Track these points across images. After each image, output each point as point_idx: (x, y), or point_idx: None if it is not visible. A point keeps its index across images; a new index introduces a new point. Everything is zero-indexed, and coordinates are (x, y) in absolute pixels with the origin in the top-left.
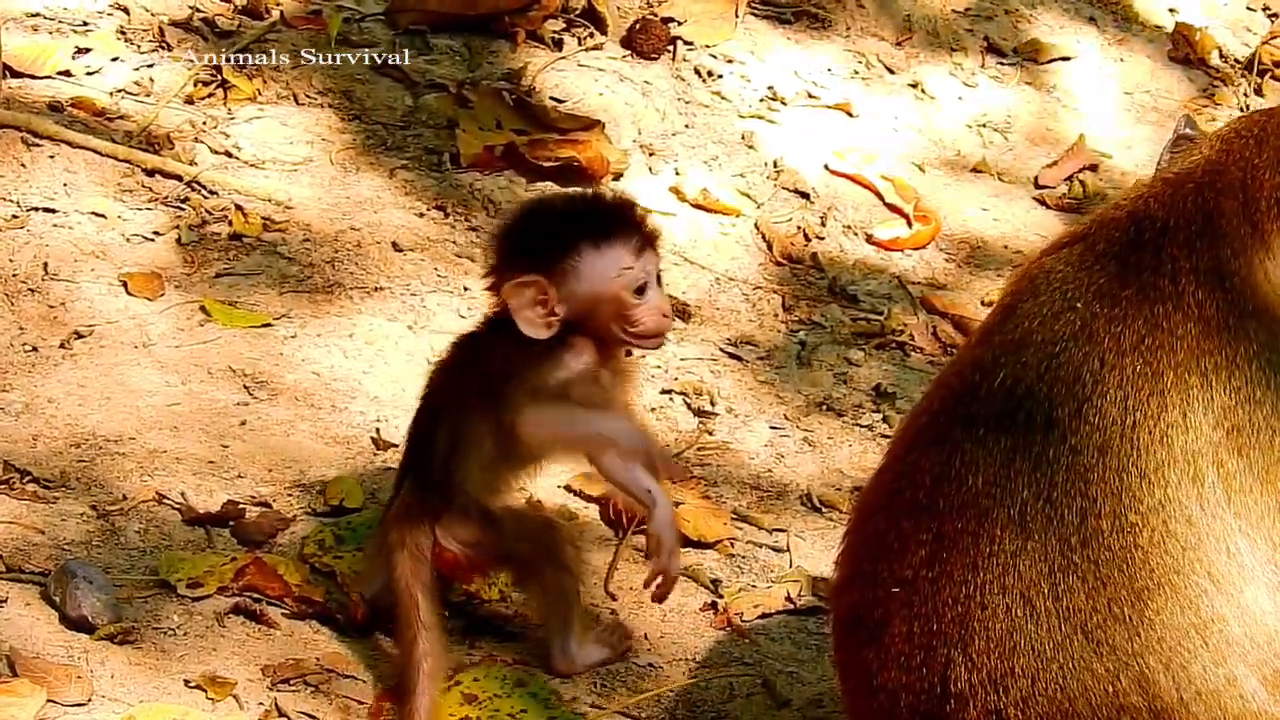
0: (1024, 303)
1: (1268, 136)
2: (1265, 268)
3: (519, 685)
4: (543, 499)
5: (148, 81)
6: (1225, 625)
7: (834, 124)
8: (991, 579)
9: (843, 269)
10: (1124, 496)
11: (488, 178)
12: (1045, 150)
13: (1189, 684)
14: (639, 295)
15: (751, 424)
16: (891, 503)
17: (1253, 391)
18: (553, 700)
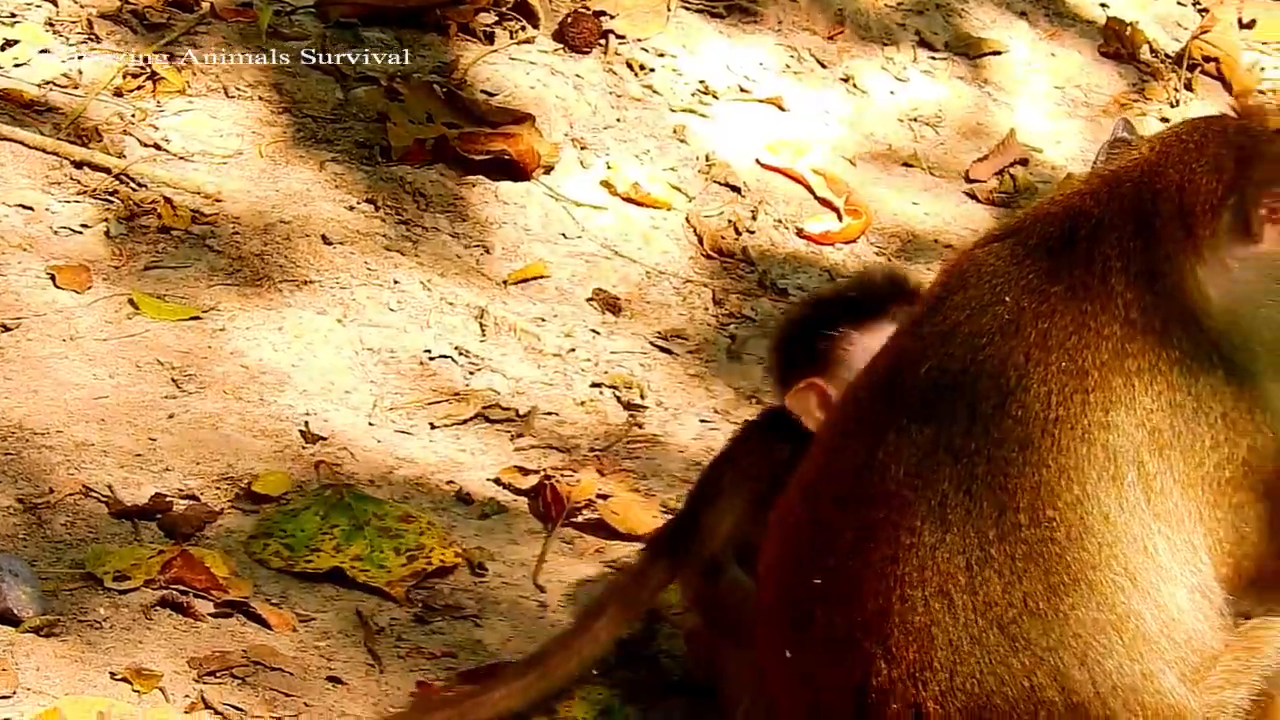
0: (953, 294)
1: (1207, 142)
2: (1196, 273)
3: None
4: (472, 491)
5: (76, 74)
6: (1142, 622)
7: (766, 118)
8: (911, 571)
9: (773, 262)
10: (1043, 491)
11: (419, 171)
12: (976, 144)
13: (1105, 679)
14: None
15: (681, 417)
16: (814, 493)
17: (1174, 396)
18: None
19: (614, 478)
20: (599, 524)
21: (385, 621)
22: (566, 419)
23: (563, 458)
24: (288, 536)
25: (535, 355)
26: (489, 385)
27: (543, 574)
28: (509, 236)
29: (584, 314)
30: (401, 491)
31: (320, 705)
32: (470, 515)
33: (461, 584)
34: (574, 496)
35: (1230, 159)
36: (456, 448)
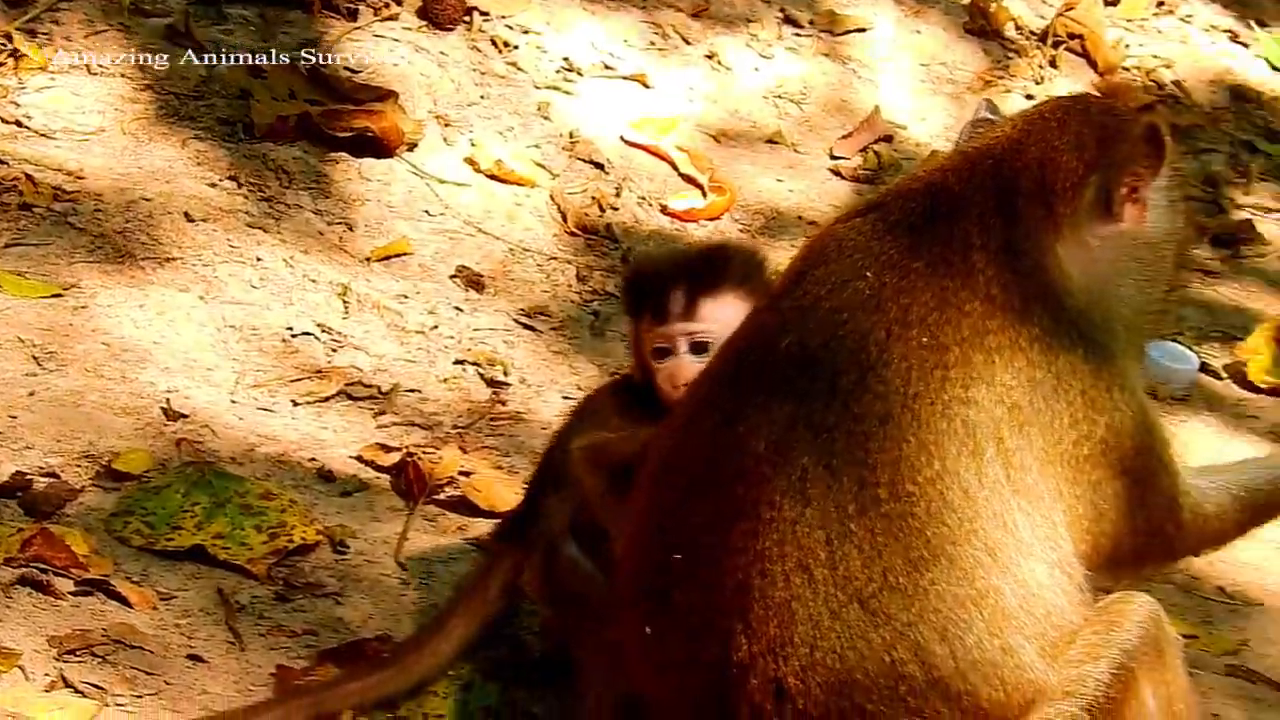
0: (814, 270)
1: (1070, 120)
2: (1056, 251)
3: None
4: (334, 468)
5: None
6: (1001, 597)
7: (630, 95)
8: (770, 546)
9: (637, 239)
10: (902, 466)
11: (281, 148)
12: (840, 121)
13: (965, 654)
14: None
15: (545, 394)
16: (672, 470)
17: (1034, 373)
18: None
19: (476, 455)
20: (461, 501)
21: (246, 599)
22: (429, 396)
23: (425, 435)
24: (149, 514)
25: (398, 332)
26: (351, 362)
27: (404, 551)
28: (372, 213)
29: (447, 291)
30: (263, 469)
31: (181, 683)
32: (332, 493)
33: (323, 562)
34: (436, 474)
35: (1092, 137)
36: (318, 425)
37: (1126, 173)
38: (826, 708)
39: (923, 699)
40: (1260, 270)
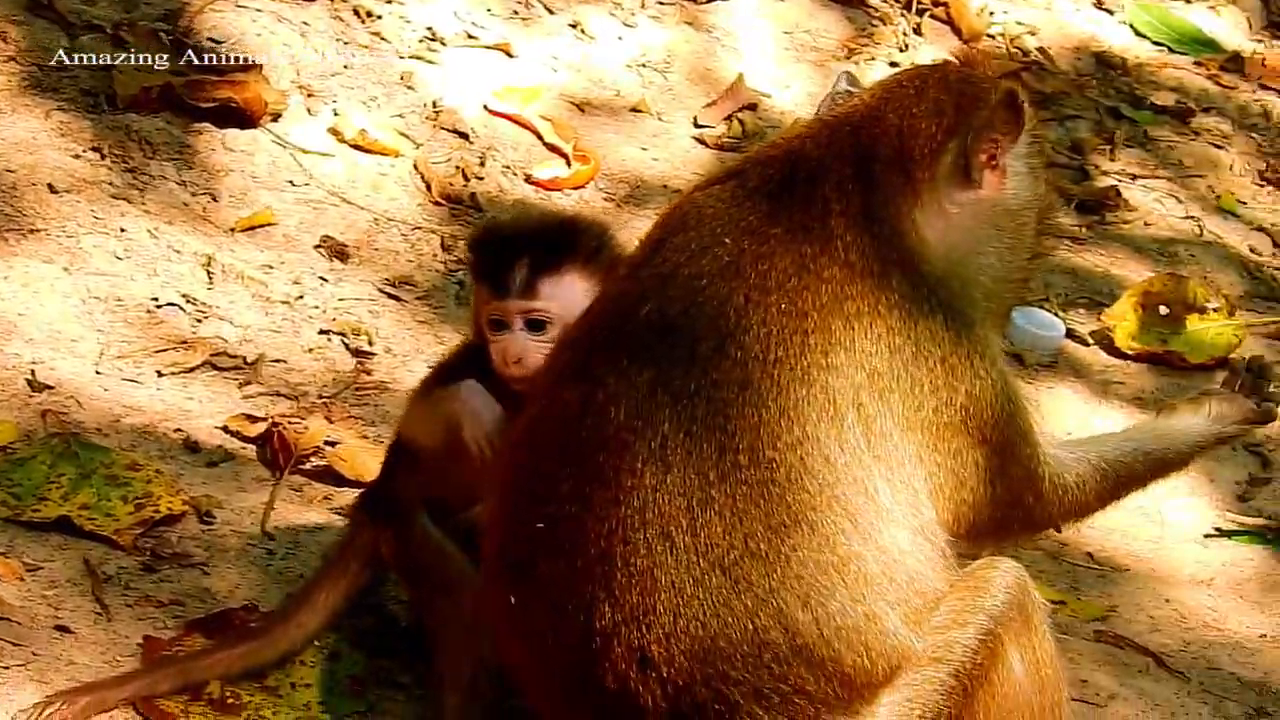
0: (674, 236)
1: (929, 87)
2: (913, 217)
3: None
4: (199, 439)
5: None
6: (863, 563)
7: (493, 64)
8: (632, 514)
9: (502, 208)
10: (762, 432)
11: (145, 119)
12: (704, 90)
13: (828, 620)
14: (495, 331)
15: (410, 364)
16: (535, 437)
17: (893, 339)
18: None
19: (342, 424)
20: (327, 471)
21: (113, 570)
22: (294, 366)
23: (291, 405)
24: (14, 485)
25: (263, 303)
26: (216, 333)
27: (271, 521)
28: (236, 184)
29: (312, 261)
30: (129, 440)
31: (48, 654)
32: (198, 463)
33: (189, 532)
34: (302, 444)
35: (951, 104)
36: (184, 395)
37: (985, 139)
38: (691, 676)
39: (787, 666)
40: (1125, 237)
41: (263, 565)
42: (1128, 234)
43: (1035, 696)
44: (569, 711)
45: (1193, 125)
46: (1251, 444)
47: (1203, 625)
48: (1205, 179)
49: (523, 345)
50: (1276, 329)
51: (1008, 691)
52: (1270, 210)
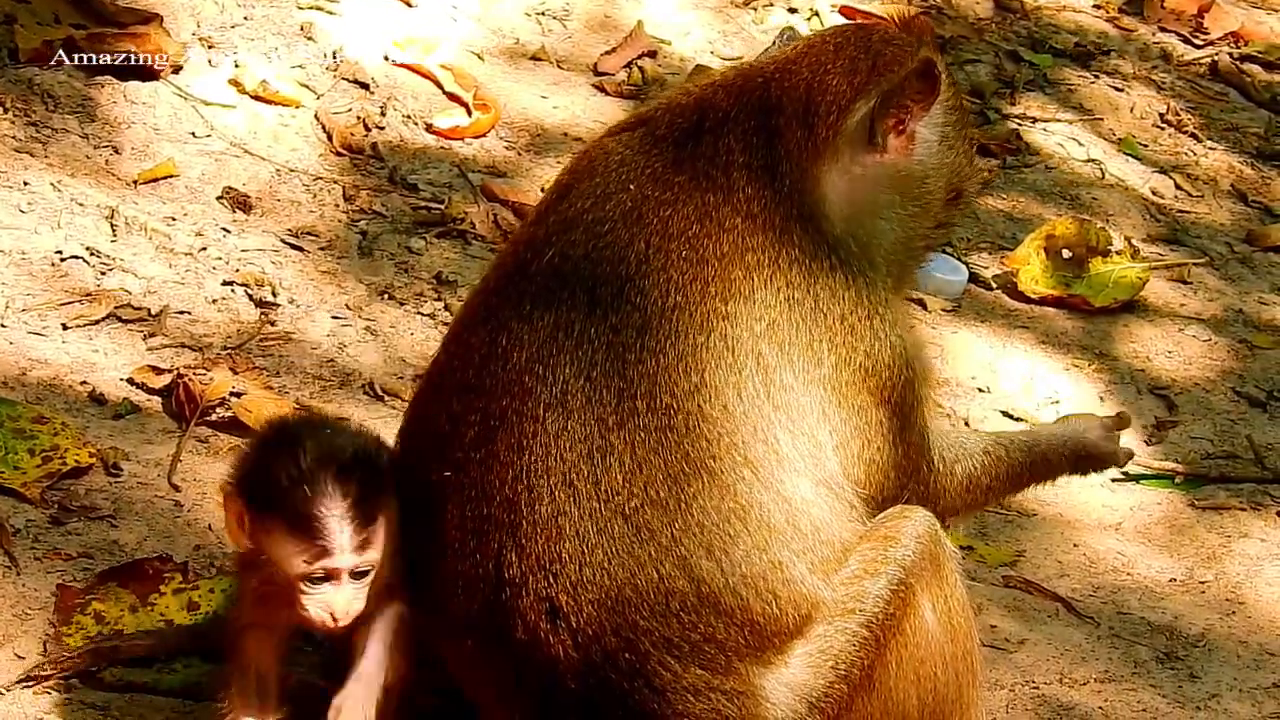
0: (580, 183)
1: (847, 45)
2: (816, 172)
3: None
4: (105, 391)
5: None
6: (765, 511)
7: (393, 14)
8: (535, 461)
9: (403, 158)
10: (660, 379)
11: (47, 72)
12: (604, 38)
13: (733, 568)
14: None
15: (314, 314)
16: (442, 384)
17: (792, 293)
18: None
19: (247, 375)
20: (233, 421)
21: (21, 523)
22: (199, 318)
23: (196, 356)
24: None
25: (166, 254)
26: (121, 285)
27: (178, 473)
28: (138, 136)
29: (214, 212)
30: (35, 393)
31: None
32: (104, 415)
33: (97, 485)
34: (208, 395)
35: (866, 65)
36: (89, 348)
37: (894, 104)
38: (601, 625)
39: (695, 614)
40: (1027, 180)
41: (171, 516)
42: (1030, 178)
43: (947, 644)
44: (483, 666)
45: (1093, 68)
46: (1158, 387)
47: (1111, 569)
48: (1106, 122)
49: (351, 596)
50: (1179, 271)
51: (920, 640)
52: (1171, 152)
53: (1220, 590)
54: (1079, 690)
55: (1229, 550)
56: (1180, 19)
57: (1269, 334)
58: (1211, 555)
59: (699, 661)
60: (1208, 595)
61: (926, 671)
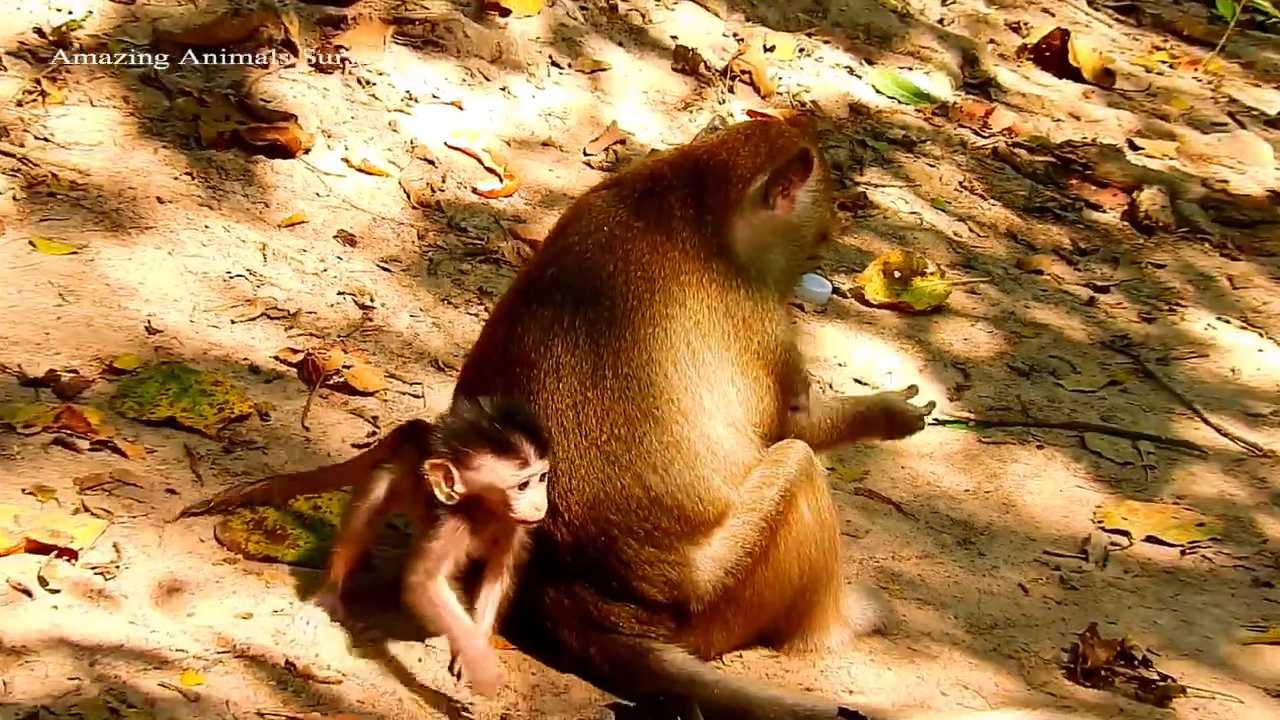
0: (571, 224)
1: (753, 137)
2: (729, 222)
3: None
4: (259, 364)
5: None
6: (692, 444)
7: (450, 115)
8: (539, 409)
9: (458, 211)
10: (621, 356)
11: (221, 153)
12: (590, 130)
13: (671, 481)
14: (520, 490)
15: (398, 314)
16: (481, 359)
17: (711, 302)
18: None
19: (354, 354)
20: (344, 385)
21: (204, 452)
22: (321, 316)
23: (320, 341)
24: (138, 396)
25: (300, 274)
26: (270, 294)
27: (307, 418)
28: (281, 196)
29: (331, 246)
30: (213, 365)
31: (162, 508)
32: (259, 380)
33: (254, 426)
34: (327, 367)
35: (765, 151)
36: (248, 336)
37: (783, 178)
38: (584, 519)
39: (648, 511)
40: (871, 226)
41: (303, 447)
42: (872, 224)
43: (818, 532)
44: None
45: (915, 151)
46: (958, 363)
47: (927, 484)
48: (923, 187)
49: (542, 493)
50: (971, 286)
51: (799, 530)
52: (967, 208)
53: (998, 497)
54: (905, 564)
55: (1005, 471)
56: (973, 119)
57: (1030, 328)
58: (993, 474)
59: (651, 543)
60: (990, 500)
61: (804, 550)
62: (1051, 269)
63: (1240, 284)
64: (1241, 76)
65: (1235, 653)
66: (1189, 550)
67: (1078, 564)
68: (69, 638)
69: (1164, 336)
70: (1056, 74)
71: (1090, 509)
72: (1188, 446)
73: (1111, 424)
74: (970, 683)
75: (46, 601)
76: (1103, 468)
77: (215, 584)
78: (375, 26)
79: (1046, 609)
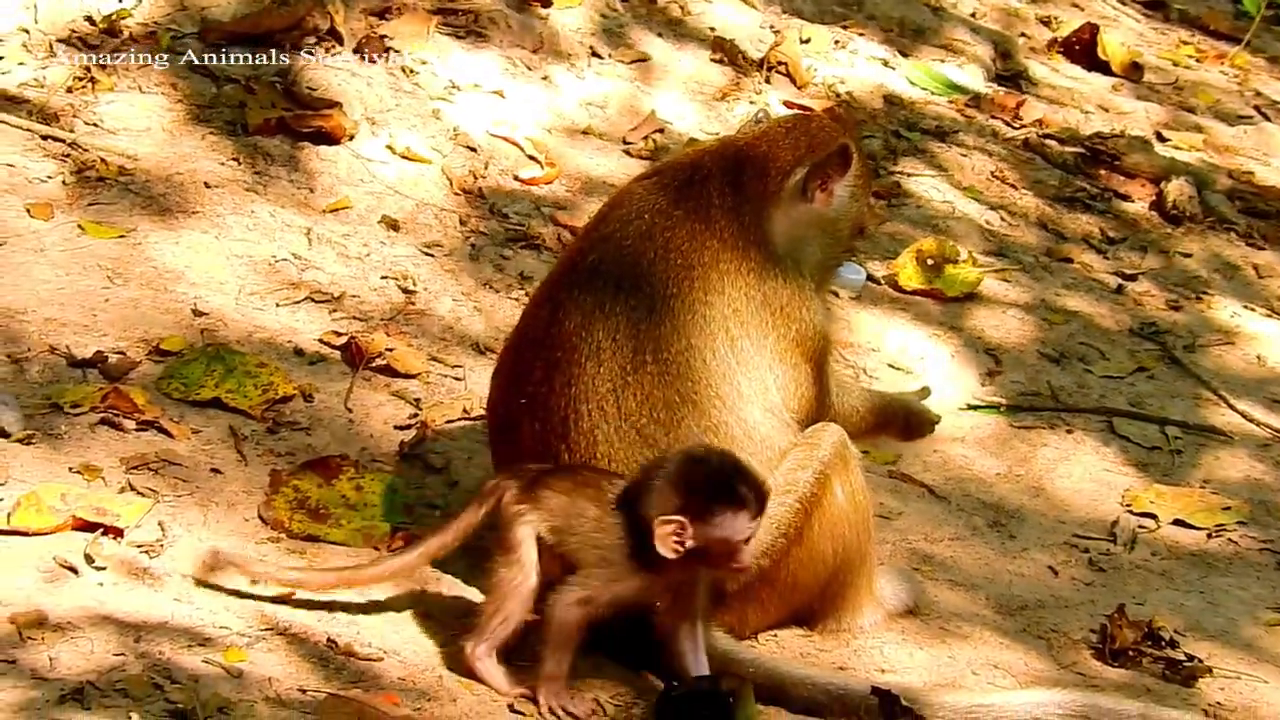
0: (613, 211)
1: (795, 130)
2: (768, 213)
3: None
4: (303, 346)
5: (43, 78)
6: (730, 428)
7: (492, 103)
8: (580, 393)
9: (499, 197)
10: (661, 342)
11: (267, 140)
12: (630, 119)
13: None
14: (745, 544)
15: (440, 298)
16: (521, 341)
17: (750, 292)
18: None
19: (396, 338)
20: (386, 368)
21: (248, 432)
22: (365, 300)
23: (363, 325)
24: (184, 377)
25: (344, 258)
26: (314, 278)
27: (350, 400)
28: (326, 182)
29: (375, 231)
30: (258, 347)
31: (206, 487)
32: (303, 362)
33: (298, 407)
34: (370, 349)
35: (805, 144)
36: (293, 319)
37: (821, 172)
38: None
39: None
40: (904, 214)
41: (346, 428)
42: (906, 213)
43: (852, 514)
44: None
45: (948, 141)
46: (989, 349)
47: (958, 467)
48: (956, 176)
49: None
50: (1003, 274)
51: (833, 511)
52: (999, 197)
53: (1029, 481)
54: (936, 546)
55: (1035, 455)
56: (1005, 110)
57: (1060, 315)
58: (1023, 458)
59: None
60: (1021, 484)
61: (838, 531)
62: (1081, 257)
63: (1265, 273)
64: (1266, 71)
65: (1260, 634)
66: (1215, 534)
67: (1106, 546)
68: (114, 615)
69: (1191, 324)
70: (1086, 67)
71: (1119, 493)
72: (1214, 432)
73: (1140, 409)
74: (1000, 662)
75: (92, 579)
76: (1131, 452)
77: (259, 562)
78: (420, 16)
79: (1075, 590)
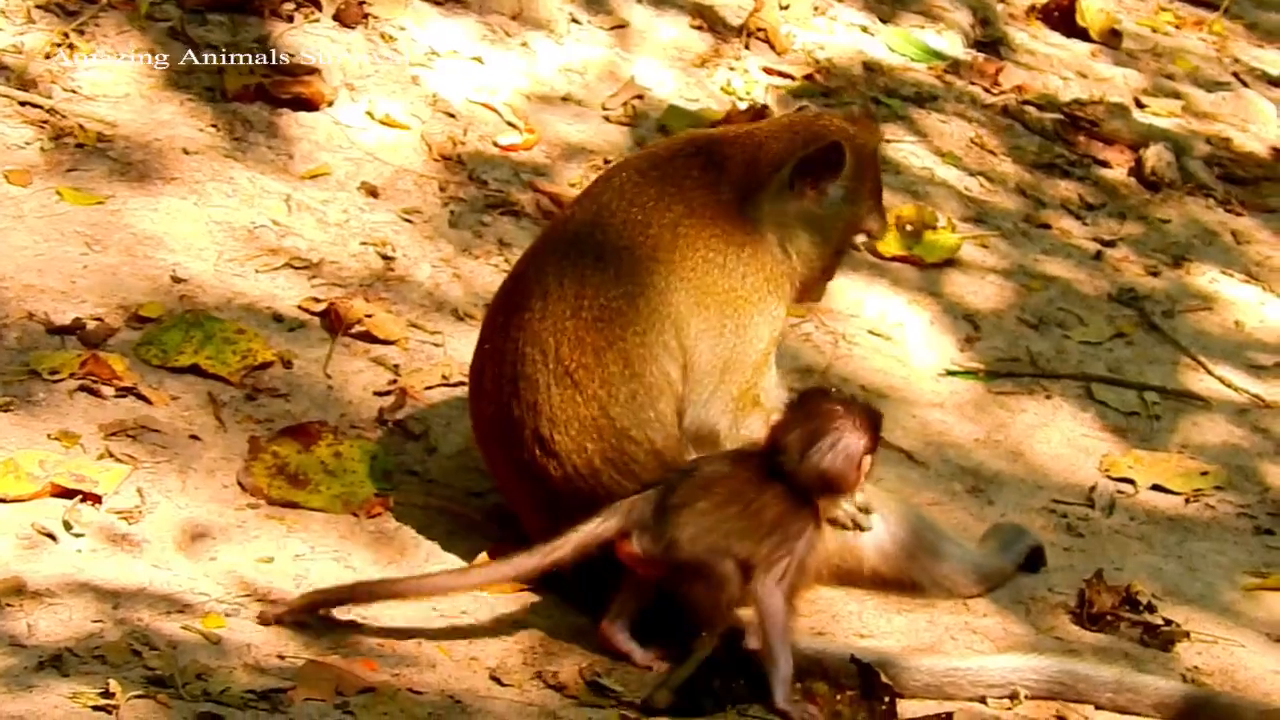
0: (603, 180)
1: (794, 125)
2: (754, 199)
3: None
4: (283, 313)
5: (21, 44)
6: (654, 380)
7: (471, 69)
8: (526, 338)
9: (478, 164)
10: (602, 289)
11: (245, 106)
12: (609, 85)
13: (634, 415)
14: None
15: (419, 264)
16: (502, 297)
17: (709, 255)
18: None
19: (375, 304)
20: (366, 334)
21: (227, 399)
22: (344, 266)
23: (342, 291)
24: (163, 344)
25: (323, 224)
26: (293, 245)
27: (329, 366)
28: (305, 148)
29: (354, 197)
30: (236, 314)
31: (185, 454)
32: (282, 329)
33: (277, 374)
34: (349, 316)
35: (800, 138)
36: (273, 285)
37: (808, 168)
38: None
39: (620, 441)
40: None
41: (325, 395)
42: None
43: None
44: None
45: (927, 108)
46: (968, 315)
47: (937, 432)
48: (935, 142)
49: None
50: (982, 240)
51: None
52: (979, 164)
53: (1007, 446)
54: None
55: (1013, 420)
56: (984, 76)
57: (1039, 281)
58: (1002, 424)
59: (629, 476)
60: (999, 449)
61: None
62: (1060, 223)
63: (1243, 239)
64: (1245, 37)
65: (1237, 598)
66: (1193, 498)
67: (1084, 511)
68: (92, 581)
69: (1169, 290)
70: (1065, 34)
71: (1097, 458)
72: (1192, 397)
73: (1118, 375)
74: (978, 627)
75: (71, 545)
76: (1109, 418)
77: (238, 529)
78: None
79: (1053, 555)
